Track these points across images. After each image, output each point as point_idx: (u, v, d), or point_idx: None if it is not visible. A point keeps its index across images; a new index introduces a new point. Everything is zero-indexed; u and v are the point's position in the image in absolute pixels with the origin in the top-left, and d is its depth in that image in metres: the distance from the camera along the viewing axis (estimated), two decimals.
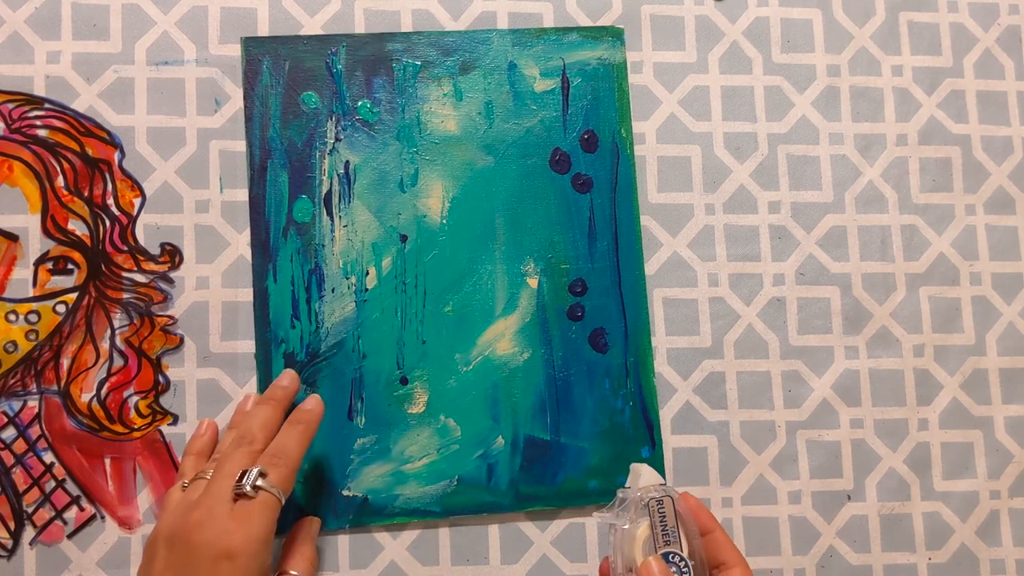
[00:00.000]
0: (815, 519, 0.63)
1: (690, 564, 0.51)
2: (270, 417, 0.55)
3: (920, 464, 0.65)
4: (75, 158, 0.60)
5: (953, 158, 0.68)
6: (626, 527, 0.52)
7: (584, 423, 0.62)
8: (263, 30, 0.64)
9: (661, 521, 0.52)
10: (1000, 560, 0.64)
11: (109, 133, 0.61)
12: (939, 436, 0.65)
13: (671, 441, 0.63)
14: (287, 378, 0.59)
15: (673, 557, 0.51)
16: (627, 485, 0.55)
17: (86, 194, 0.60)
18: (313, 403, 0.57)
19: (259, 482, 0.51)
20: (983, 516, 0.65)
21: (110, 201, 0.61)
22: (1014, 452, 0.66)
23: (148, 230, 0.61)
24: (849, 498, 0.64)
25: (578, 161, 0.65)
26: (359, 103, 0.64)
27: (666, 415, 0.63)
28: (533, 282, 0.63)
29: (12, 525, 0.58)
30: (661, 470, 0.62)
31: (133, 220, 0.61)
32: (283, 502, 0.51)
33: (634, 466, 0.55)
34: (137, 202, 0.61)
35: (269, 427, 0.55)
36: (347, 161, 0.63)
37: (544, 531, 0.61)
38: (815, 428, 0.64)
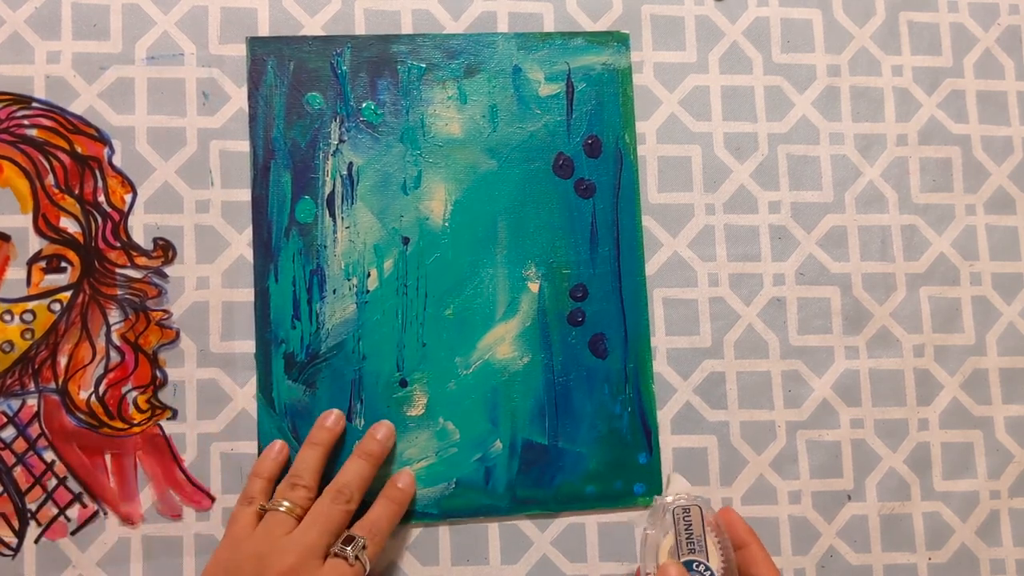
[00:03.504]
0: (815, 519, 0.59)
1: (716, 574, 0.48)
2: (368, 477, 0.54)
3: (920, 464, 0.60)
4: (65, 156, 0.57)
5: (953, 158, 0.64)
6: (652, 532, 0.51)
7: (582, 428, 0.58)
8: (263, 30, 0.60)
9: (687, 529, 0.50)
10: (1000, 560, 0.60)
11: (98, 130, 0.58)
12: (939, 436, 0.61)
13: (671, 441, 0.59)
14: (384, 430, 0.56)
15: (698, 566, 0.49)
16: (664, 494, 0.52)
17: (77, 192, 0.57)
18: (408, 481, 0.56)
19: (360, 555, 0.50)
20: (983, 516, 0.60)
21: (101, 198, 0.57)
22: (1014, 452, 0.61)
23: (148, 230, 0.57)
24: (849, 498, 0.60)
25: (581, 166, 0.61)
26: (363, 104, 0.60)
27: (666, 415, 0.59)
28: (534, 287, 0.59)
29: (16, 524, 0.55)
30: (659, 475, 0.58)
31: (125, 216, 0.57)
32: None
33: (670, 475, 0.54)
34: (128, 198, 0.57)
35: (366, 487, 0.54)
36: (350, 163, 0.59)
37: (544, 531, 0.58)
38: (815, 428, 0.60)
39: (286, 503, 0.51)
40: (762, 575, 0.49)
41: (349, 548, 0.50)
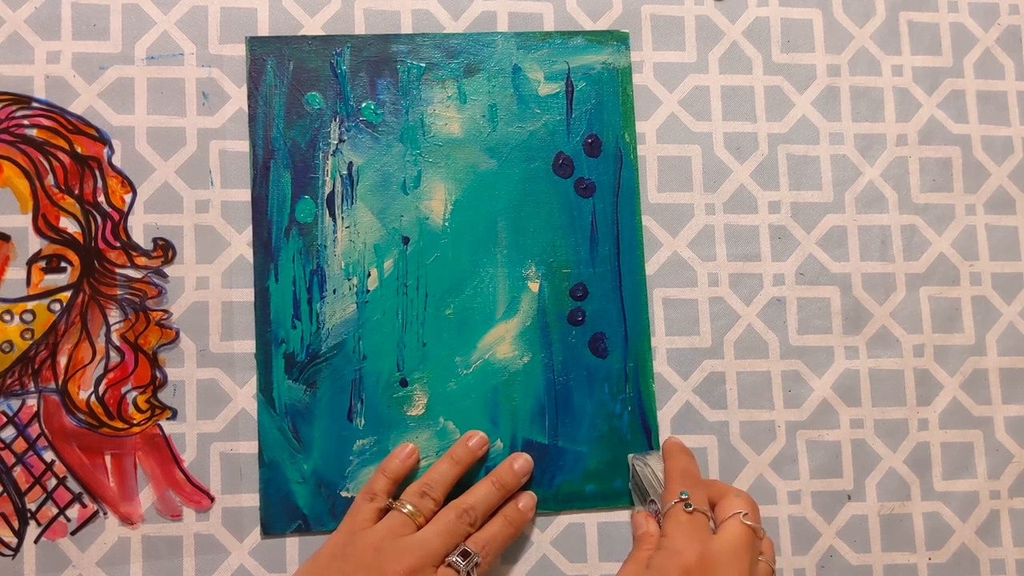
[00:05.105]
0: (815, 519, 0.59)
1: (656, 499, 0.54)
2: (495, 504, 0.55)
3: (920, 464, 0.60)
4: (65, 156, 0.57)
5: (953, 158, 0.63)
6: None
7: (582, 427, 0.58)
8: (263, 30, 0.60)
9: (638, 484, 0.56)
10: (1000, 560, 0.60)
11: (98, 130, 0.57)
12: (939, 436, 0.60)
13: None
14: (521, 462, 0.56)
15: (651, 506, 0.55)
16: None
17: (77, 192, 0.57)
18: (528, 504, 0.56)
19: (472, 572, 0.51)
20: (983, 516, 0.60)
21: (101, 198, 0.57)
22: (1014, 452, 0.61)
23: (148, 230, 0.57)
24: (849, 498, 0.59)
25: (581, 165, 0.60)
26: (363, 104, 0.60)
27: (666, 415, 0.59)
28: (534, 286, 0.59)
29: (16, 524, 0.54)
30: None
31: (125, 216, 0.57)
32: None
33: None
34: (128, 198, 0.57)
35: (490, 513, 0.54)
36: (350, 162, 0.59)
37: (544, 531, 0.57)
38: (815, 428, 0.60)
39: (411, 507, 0.52)
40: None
41: (463, 563, 0.51)
